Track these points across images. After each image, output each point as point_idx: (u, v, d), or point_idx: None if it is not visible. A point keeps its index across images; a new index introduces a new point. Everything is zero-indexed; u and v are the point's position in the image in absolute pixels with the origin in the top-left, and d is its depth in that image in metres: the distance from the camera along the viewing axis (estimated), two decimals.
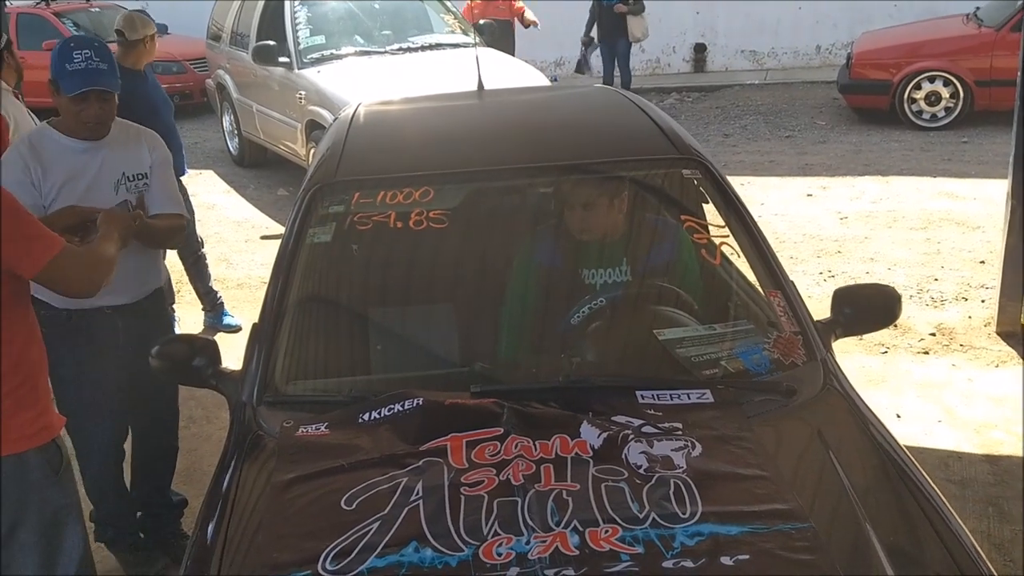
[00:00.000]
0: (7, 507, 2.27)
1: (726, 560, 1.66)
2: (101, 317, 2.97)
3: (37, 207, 2.73)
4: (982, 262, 5.72)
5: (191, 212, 5.19)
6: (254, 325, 2.53)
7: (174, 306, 5.36)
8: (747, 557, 1.66)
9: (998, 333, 4.78)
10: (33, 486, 2.30)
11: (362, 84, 6.76)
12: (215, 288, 5.48)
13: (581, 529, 1.74)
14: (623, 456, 1.96)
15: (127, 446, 3.34)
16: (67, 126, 2.87)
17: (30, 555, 2.32)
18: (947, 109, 9.08)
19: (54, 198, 2.83)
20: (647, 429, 2.05)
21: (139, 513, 3.44)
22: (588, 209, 2.68)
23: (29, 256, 2.21)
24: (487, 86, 3.62)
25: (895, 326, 4.84)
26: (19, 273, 2.23)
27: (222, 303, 5.47)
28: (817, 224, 6.65)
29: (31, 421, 2.28)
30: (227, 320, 5.42)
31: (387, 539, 1.75)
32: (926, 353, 4.68)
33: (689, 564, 1.65)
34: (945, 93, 9.02)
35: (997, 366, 4.50)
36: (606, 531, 1.73)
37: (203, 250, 5.38)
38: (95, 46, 2.80)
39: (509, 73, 7.14)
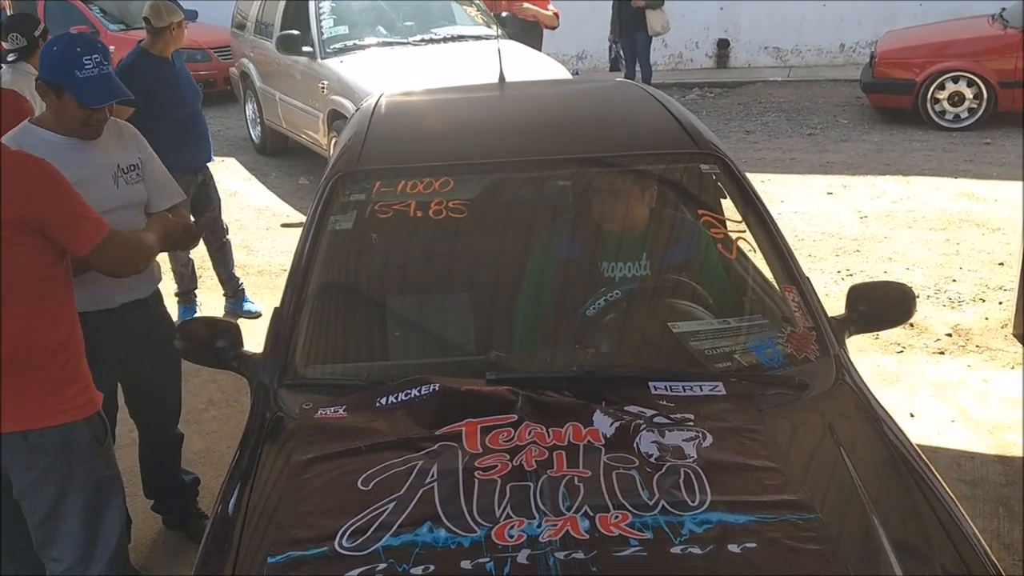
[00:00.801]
0: (56, 476, 2.34)
1: (733, 548, 1.69)
2: (113, 317, 2.95)
3: None
4: (1001, 264, 5.70)
5: (217, 199, 5.26)
6: (275, 309, 2.58)
7: (196, 291, 5.44)
8: (754, 545, 1.69)
9: (1015, 335, 4.77)
10: (80, 457, 2.38)
11: (384, 75, 6.80)
12: (237, 275, 5.54)
13: (592, 514, 1.77)
14: (635, 445, 1.99)
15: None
16: (62, 126, 2.76)
17: (74, 525, 2.39)
18: (970, 110, 9.03)
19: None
20: (659, 419, 2.09)
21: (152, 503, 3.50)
22: (617, 197, 2.71)
23: (82, 235, 2.33)
24: (509, 78, 3.65)
25: (911, 326, 4.86)
26: (72, 250, 2.35)
27: (243, 289, 5.54)
28: (837, 223, 6.64)
29: (79, 394, 2.37)
30: (247, 306, 5.48)
31: (402, 519, 1.79)
32: (942, 353, 4.68)
33: (697, 550, 1.68)
34: (969, 94, 8.97)
35: (1013, 368, 4.49)
36: (616, 517, 1.77)
37: (227, 237, 5.44)
38: (99, 47, 2.71)
39: (531, 66, 7.16)
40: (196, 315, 5.00)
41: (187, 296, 5.37)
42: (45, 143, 2.71)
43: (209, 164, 5.18)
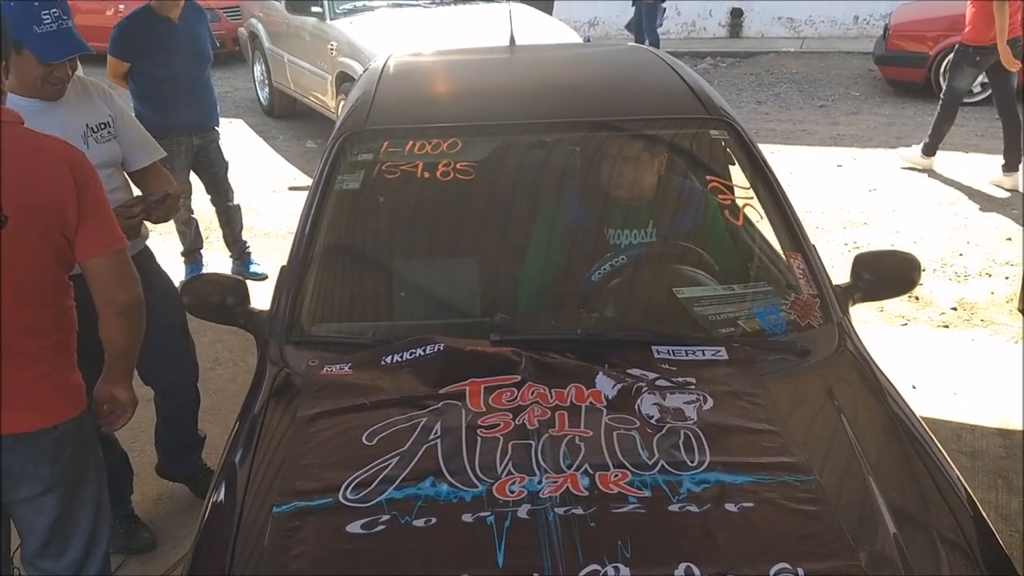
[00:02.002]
0: (75, 468, 2.26)
1: (730, 507, 1.71)
2: None
3: None
4: (1009, 239, 5.69)
5: (222, 163, 5.23)
6: (282, 267, 2.60)
7: (202, 251, 5.45)
8: (751, 505, 1.72)
9: (1020, 310, 4.77)
10: (91, 443, 2.33)
11: (394, 36, 6.77)
12: (244, 238, 5.55)
13: (592, 472, 1.80)
14: (636, 407, 2.02)
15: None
16: (23, 86, 2.62)
17: (86, 518, 2.32)
18: (983, 84, 8.92)
19: None
20: (661, 382, 2.11)
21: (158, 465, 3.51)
22: (626, 164, 2.71)
23: (102, 236, 2.17)
24: (519, 42, 3.63)
25: (916, 299, 4.87)
26: (86, 251, 2.16)
27: (249, 252, 5.54)
28: (845, 195, 6.62)
29: (80, 379, 2.28)
30: (253, 268, 5.48)
31: (405, 473, 1.82)
32: (946, 327, 4.69)
33: (694, 509, 1.71)
34: None
35: (1017, 342, 4.50)
36: (616, 475, 1.79)
37: (234, 201, 5.41)
38: (58, 1, 2.55)
39: (542, 30, 7.12)
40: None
41: (192, 255, 5.38)
42: (20, 107, 2.55)
43: (215, 128, 5.14)
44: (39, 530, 2.25)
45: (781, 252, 2.66)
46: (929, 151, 7.05)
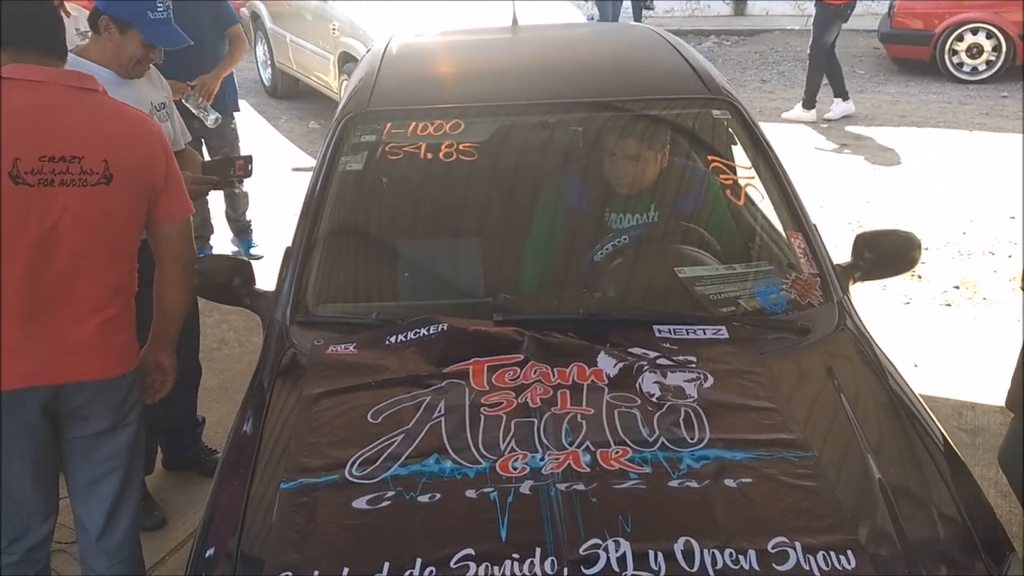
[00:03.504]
0: (135, 417, 2.35)
1: (729, 482, 1.74)
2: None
3: None
4: (1012, 217, 5.69)
5: (237, 140, 5.20)
6: (287, 248, 2.62)
7: (209, 238, 5.43)
8: (750, 480, 1.75)
9: (1023, 288, 4.77)
10: (141, 396, 2.40)
11: (396, 16, 6.75)
12: (248, 218, 5.54)
13: (593, 449, 1.83)
14: (637, 385, 2.05)
15: None
16: (113, 61, 2.82)
17: (137, 473, 2.41)
18: (988, 62, 8.91)
19: None
20: (662, 361, 2.13)
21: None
22: (637, 161, 2.70)
23: (179, 204, 2.33)
24: (522, 22, 3.63)
25: (919, 277, 4.88)
26: (166, 215, 2.30)
27: (250, 231, 5.54)
28: (849, 173, 6.62)
29: (133, 341, 2.36)
30: (253, 250, 5.47)
31: (410, 451, 1.85)
32: (949, 305, 4.71)
33: (694, 484, 1.74)
34: (987, 46, 8.84)
35: (1019, 321, 4.51)
36: (616, 452, 1.82)
37: (241, 187, 5.30)
38: None
39: (545, 10, 7.09)
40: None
41: (200, 240, 5.33)
42: (106, 81, 2.74)
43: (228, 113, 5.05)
44: (96, 460, 2.31)
45: (782, 231, 2.67)
46: (808, 105, 7.84)
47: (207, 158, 5.08)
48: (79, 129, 2.13)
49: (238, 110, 5.19)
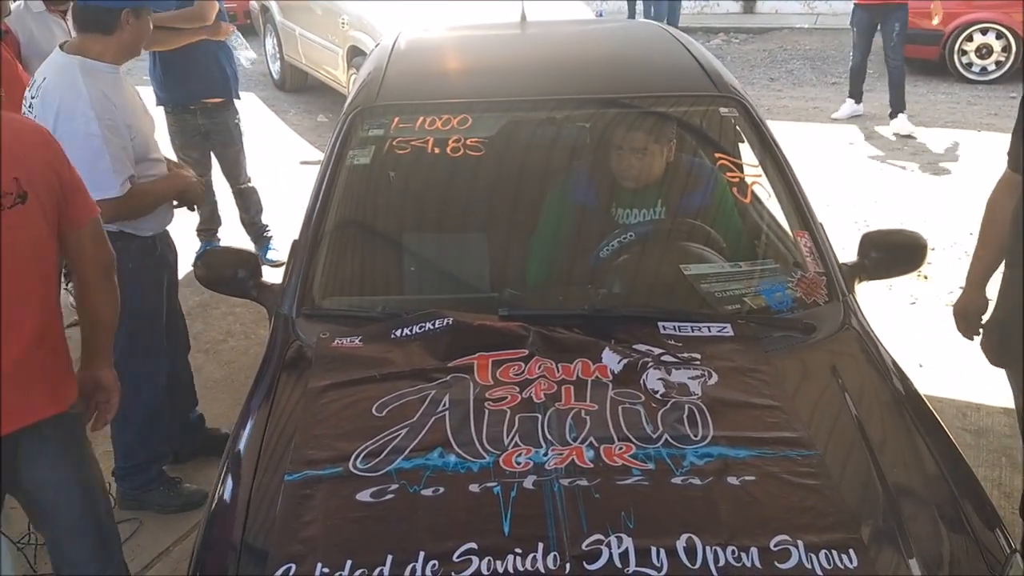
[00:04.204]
0: (78, 457, 2.22)
1: (732, 480, 1.75)
2: (166, 239, 3.13)
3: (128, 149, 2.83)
4: None
5: (234, 143, 5.08)
6: (294, 241, 2.63)
7: (216, 230, 5.41)
8: (753, 478, 1.75)
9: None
10: (83, 430, 2.28)
11: (405, 11, 6.75)
12: (264, 221, 5.41)
13: (597, 445, 1.84)
14: (641, 381, 2.05)
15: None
16: (117, 54, 2.83)
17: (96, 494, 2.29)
18: (998, 63, 8.88)
19: (134, 135, 2.86)
20: (666, 358, 2.14)
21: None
22: (643, 155, 2.70)
23: (86, 205, 2.15)
24: (530, 18, 3.63)
25: (925, 277, 4.87)
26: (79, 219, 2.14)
27: (269, 236, 5.41)
28: (856, 173, 6.61)
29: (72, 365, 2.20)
30: (270, 255, 5.32)
31: (414, 444, 1.86)
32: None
33: (697, 481, 1.74)
34: (997, 46, 8.82)
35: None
36: (620, 448, 1.83)
37: (249, 184, 5.29)
38: None
39: (553, 6, 7.08)
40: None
41: (207, 232, 5.31)
42: (112, 76, 2.85)
43: (224, 105, 4.98)
44: (65, 504, 2.18)
45: (789, 230, 2.67)
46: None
47: (211, 153, 5.09)
48: None
49: (239, 98, 5.08)
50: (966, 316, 2.73)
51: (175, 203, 3.12)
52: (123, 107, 2.83)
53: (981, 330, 2.69)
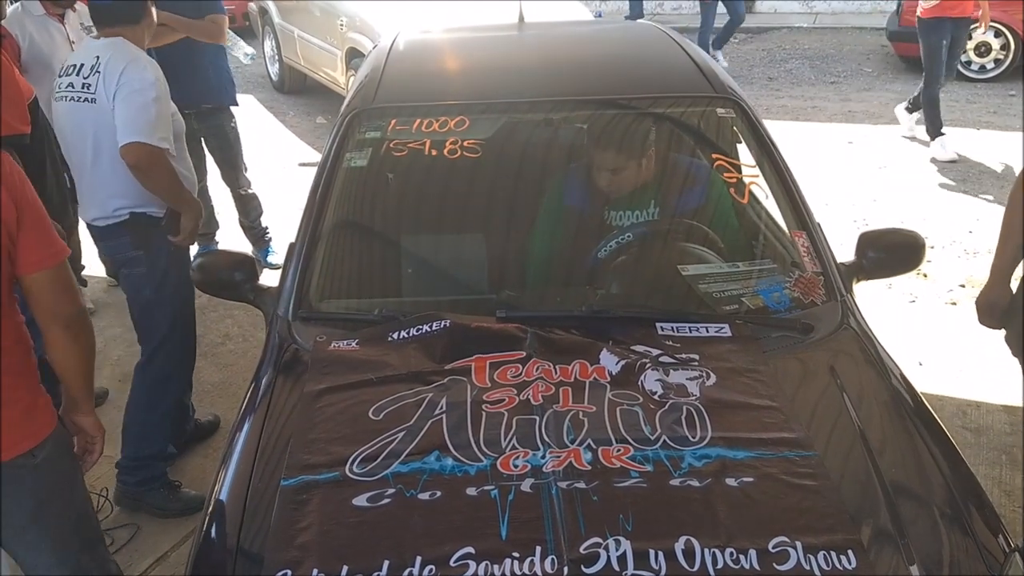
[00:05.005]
0: (65, 486, 2.11)
1: (731, 481, 1.74)
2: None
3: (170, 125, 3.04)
4: None
5: (232, 147, 5.08)
6: (291, 244, 2.62)
7: (214, 234, 5.39)
8: (751, 479, 1.74)
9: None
10: (71, 455, 2.17)
11: (403, 12, 6.75)
12: (264, 224, 5.40)
13: (595, 447, 1.83)
14: (639, 382, 2.04)
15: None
16: (142, 41, 3.11)
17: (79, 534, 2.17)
18: (996, 61, 8.87)
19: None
20: (664, 359, 2.13)
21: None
22: (616, 173, 2.70)
23: (42, 248, 1.93)
24: (528, 19, 3.63)
25: (925, 275, 4.87)
26: (28, 263, 1.92)
27: (269, 239, 5.41)
28: (855, 171, 6.60)
29: (34, 409, 2.03)
30: (270, 258, 5.34)
31: (411, 448, 1.85)
32: (954, 304, 4.69)
33: (695, 483, 1.73)
34: (995, 44, 8.80)
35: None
36: (618, 450, 1.82)
37: (249, 190, 5.28)
38: None
39: (552, 7, 7.07)
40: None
41: (205, 236, 5.26)
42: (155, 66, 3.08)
43: (221, 109, 4.97)
44: (36, 566, 2.08)
45: (786, 230, 2.67)
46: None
47: (208, 156, 5.08)
48: None
49: (236, 104, 5.08)
50: (990, 309, 2.73)
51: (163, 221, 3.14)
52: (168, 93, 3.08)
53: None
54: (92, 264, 4.72)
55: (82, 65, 3.01)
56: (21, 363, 1.98)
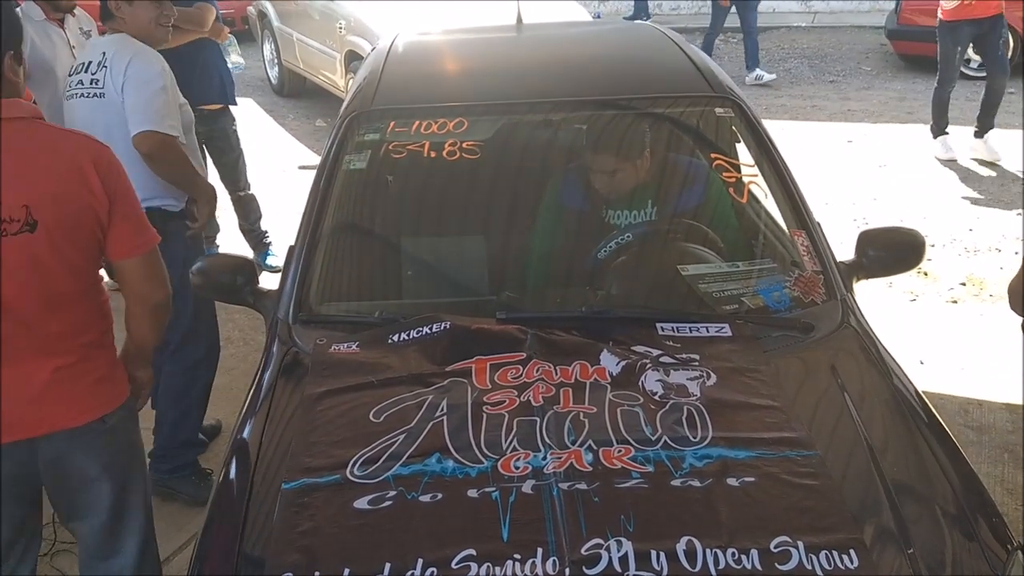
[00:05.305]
0: (124, 457, 2.23)
1: (732, 481, 1.74)
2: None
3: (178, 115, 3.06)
4: (1019, 214, 5.67)
5: (233, 150, 5.09)
6: (290, 247, 2.62)
7: (215, 236, 5.39)
8: (752, 479, 1.74)
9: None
10: (135, 431, 2.32)
11: (402, 15, 6.75)
12: (263, 227, 5.39)
13: (595, 448, 1.83)
14: (640, 383, 2.04)
15: None
16: (139, 36, 3.04)
17: (137, 501, 2.29)
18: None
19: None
20: (665, 359, 2.13)
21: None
22: (613, 176, 2.71)
23: (133, 238, 2.12)
24: (527, 20, 3.63)
25: (925, 274, 4.87)
26: (118, 251, 2.11)
27: (268, 242, 5.39)
28: (855, 170, 6.60)
29: (104, 383, 2.19)
30: (270, 260, 5.32)
31: (412, 450, 1.85)
32: (955, 302, 4.69)
33: (696, 483, 1.73)
34: None
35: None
36: (619, 451, 1.82)
37: (248, 191, 5.27)
38: None
39: (550, 8, 7.08)
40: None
41: (205, 239, 5.29)
42: (160, 58, 3.08)
43: (209, 107, 4.89)
44: (94, 526, 2.20)
45: (786, 229, 2.66)
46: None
47: (208, 159, 5.07)
48: None
49: (235, 103, 5.07)
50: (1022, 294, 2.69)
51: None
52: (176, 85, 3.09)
53: None
54: None
55: (90, 62, 3.06)
56: (100, 338, 2.15)
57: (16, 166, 1.93)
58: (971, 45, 6.82)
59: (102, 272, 2.22)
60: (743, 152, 2.87)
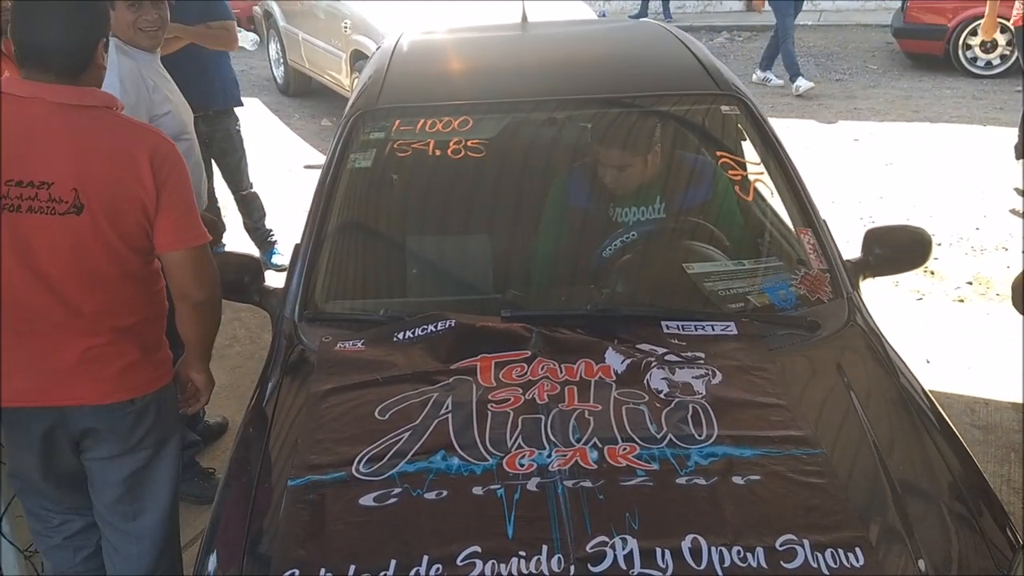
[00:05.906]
0: (154, 436, 2.27)
1: (737, 479, 1.74)
2: None
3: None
4: (1013, 210, 5.66)
5: (236, 151, 5.06)
6: (296, 245, 2.63)
7: (222, 235, 5.39)
8: (758, 478, 1.74)
9: None
10: (172, 415, 2.36)
11: (407, 14, 6.75)
12: (268, 226, 5.40)
13: (600, 446, 1.83)
14: (645, 381, 2.04)
15: None
16: (126, 37, 2.99)
17: (163, 476, 2.34)
18: (1003, 57, 8.84)
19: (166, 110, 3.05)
20: (670, 357, 2.13)
21: None
22: (622, 170, 2.71)
23: (179, 231, 2.15)
24: (531, 19, 3.63)
25: (932, 273, 4.85)
26: (163, 243, 2.14)
27: (273, 241, 5.40)
28: (862, 169, 6.59)
29: (138, 367, 2.23)
30: (275, 259, 5.33)
31: (417, 447, 1.85)
32: (961, 301, 4.68)
33: (702, 482, 1.73)
34: (1001, 40, 8.76)
35: None
36: (624, 449, 1.82)
37: (251, 190, 5.27)
38: None
39: (555, 7, 7.07)
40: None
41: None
42: (148, 57, 3.06)
43: (223, 113, 4.93)
44: (112, 482, 2.26)
45: (792, 227, 2.66)
46: None
47: (211, 160, 5.07)
48: (53, 152, 2.00)
49: (240, 104, 5.06)
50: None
51: None
52: (154, 89, 3.03)
53: None
54: None
55: None
56: (138, 326, 2.18)
57: (76, 150, 2.02)
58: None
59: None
60: (749, 150, 2.87)
